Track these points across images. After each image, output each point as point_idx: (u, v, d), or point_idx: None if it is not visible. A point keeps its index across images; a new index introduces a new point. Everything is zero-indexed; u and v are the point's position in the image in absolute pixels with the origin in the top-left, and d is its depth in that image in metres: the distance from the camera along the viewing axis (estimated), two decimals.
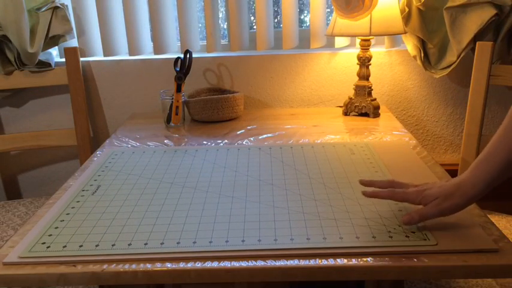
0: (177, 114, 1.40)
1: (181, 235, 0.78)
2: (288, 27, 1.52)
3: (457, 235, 0.75)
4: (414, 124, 1.61)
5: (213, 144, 1.24)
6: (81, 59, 1.56)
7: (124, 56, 1.60)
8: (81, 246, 0.76)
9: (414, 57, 1.47)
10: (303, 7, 1.68)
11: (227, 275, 0.70)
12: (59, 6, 1.46)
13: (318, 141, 1.23)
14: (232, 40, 1.53)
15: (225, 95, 1.42)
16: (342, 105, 1.52)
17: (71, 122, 1.58)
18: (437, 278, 0.99)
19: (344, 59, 1.56)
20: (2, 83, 1.52)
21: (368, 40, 1.39)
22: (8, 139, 1.56)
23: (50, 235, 0.80)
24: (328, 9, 1.56)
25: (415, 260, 0.70)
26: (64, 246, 0.76)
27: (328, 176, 1.00)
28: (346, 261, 0.70)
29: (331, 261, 0.70)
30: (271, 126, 1.38)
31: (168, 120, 1.42)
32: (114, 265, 0.71)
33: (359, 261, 0.70)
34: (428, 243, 0.72)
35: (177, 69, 1.43)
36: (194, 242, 0.75)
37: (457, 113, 1.59)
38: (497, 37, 1.36)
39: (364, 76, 1.42)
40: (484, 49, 1.28)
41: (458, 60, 1.38)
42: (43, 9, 1.45)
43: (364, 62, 1.41)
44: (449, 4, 1.34)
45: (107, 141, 1.30)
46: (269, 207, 0.87)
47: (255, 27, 1.53)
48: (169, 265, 0.71)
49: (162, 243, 0.76)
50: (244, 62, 1.58)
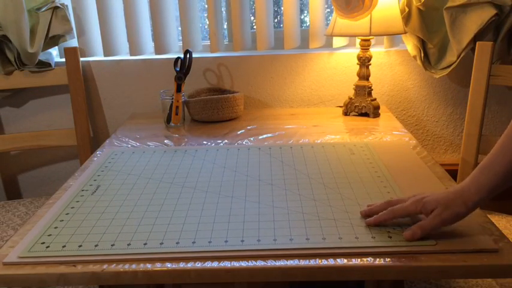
0: (177, 114, 1.40)
1: (180, 235, 0.78)
2: (289, 27, 1.51)
3: (457, 235, 0.74)
4: (414, 124, 1.61)
5: (213, 144, 1.24)
6: (81, 59, 1.56)
7: (124, 56, 1.60)
8: (80, 246, 0.76)
9: (414, 57, 1.47)
10: (302, 7, 1.68)
11: (227, 275, 0.70)
12: (59, 6, 1.46)
13: (318, 141, 1.22)
14: (235, 40, 1.53)
15: (225, 95, 1.42)
16: (342, 105, 1.52)
17: (71, 122, 1.58)
18: (437, 278, 0.99)
19: (344, 59, 1.56)
20: (2, 83, 1.52)
21: (368, 40, 1.39)
22: (8, 139, 1.56)
23: (49, 235, 0.80)
24: (328, 9, 1.56)
25: (415, 260, 0.70)
26: (63, 246, 0.76)
27: (327, 176, 1.00)
28: (346, 261, 0.70)
29: (331, 261, 0.70)
30: (271, 126, 1.38)
31: (168, 120, 1.42)
32: (114, 265, 0.71)
33: (359, 261, 0.70)
34: (427, 243, 0.72)
35: (177, 69, 1.43)
36: (193, 242, 0.75)
37: (457, 113, 1.59)
38: (497, 37, 1.36)
39: (364, 76, 1.42)
40: (484, 49, 1.28)
41: (458, 60, 1.38)
42: (43, 9, 1.45)
43: (364, 62, 1.41)
44: (449, 4, 1.34)
45: (107, 141, 1.30)
46: (269, 207, 0.87)
47: (255, 27, 1.53)
48: (169, 265, 0.71)
49: (161, 243, 0.75)
50: (244, 62, 1.58)
